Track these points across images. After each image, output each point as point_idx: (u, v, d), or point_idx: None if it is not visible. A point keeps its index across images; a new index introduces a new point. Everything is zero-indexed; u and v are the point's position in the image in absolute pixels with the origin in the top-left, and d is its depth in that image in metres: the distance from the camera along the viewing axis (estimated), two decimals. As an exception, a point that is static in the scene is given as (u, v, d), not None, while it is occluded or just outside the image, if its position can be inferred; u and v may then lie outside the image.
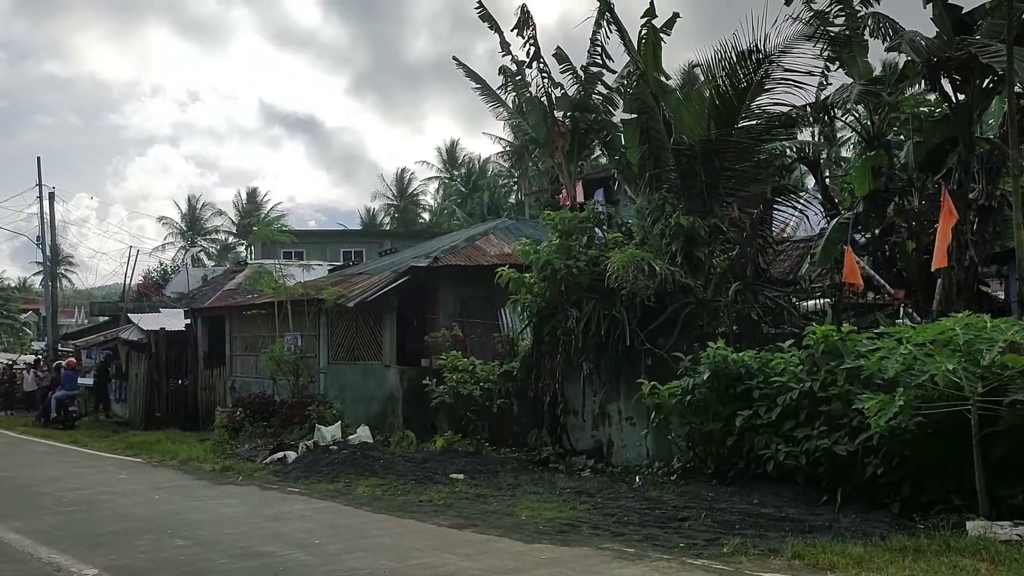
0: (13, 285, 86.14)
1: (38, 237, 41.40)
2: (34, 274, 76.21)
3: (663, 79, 15.20)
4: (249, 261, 36.27)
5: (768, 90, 13.93)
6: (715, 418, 11.16)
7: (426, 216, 70.63)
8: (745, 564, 7.61)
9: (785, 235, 17.78)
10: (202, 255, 71.83)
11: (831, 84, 16.28)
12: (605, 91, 16.23)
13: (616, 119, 16.10)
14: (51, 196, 40.35)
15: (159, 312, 29.52)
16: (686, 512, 9.75)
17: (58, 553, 8.77)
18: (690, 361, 11.70)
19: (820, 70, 15.09)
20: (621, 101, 15.97)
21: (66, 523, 10.60)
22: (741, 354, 11.17)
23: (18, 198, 78.27)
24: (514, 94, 16.97)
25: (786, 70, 13.69)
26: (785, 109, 14.21)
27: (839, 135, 29.55)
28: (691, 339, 12.70)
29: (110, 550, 8.92)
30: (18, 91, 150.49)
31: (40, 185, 40.77)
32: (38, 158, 40.09)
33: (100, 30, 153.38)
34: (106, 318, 39.62)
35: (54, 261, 43.54)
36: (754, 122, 14.24)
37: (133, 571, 7.98)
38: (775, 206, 15.50)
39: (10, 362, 40.94)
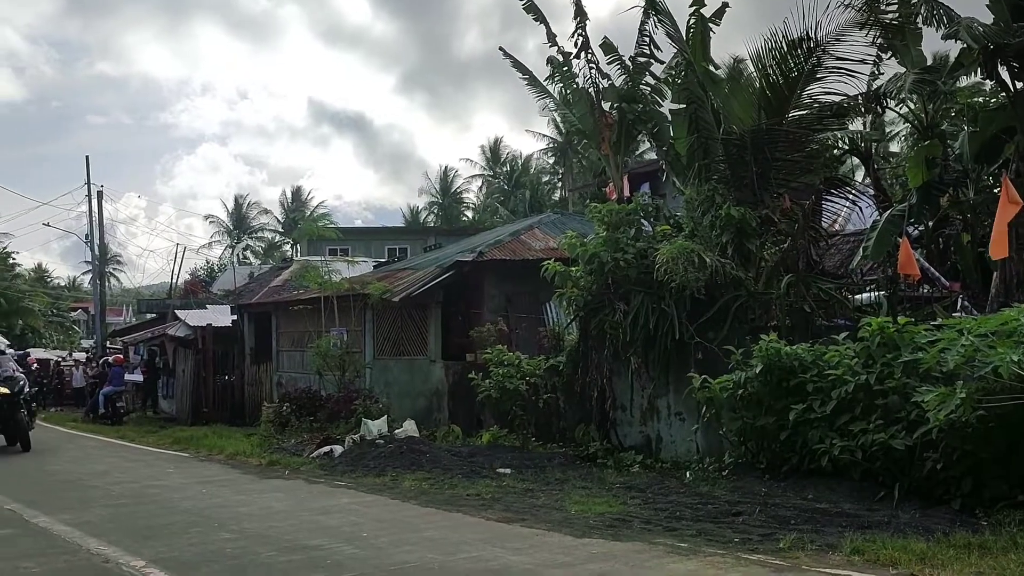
0: (63, 284, 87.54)
1: (87, 236, 41.98)
2: (83, 273, 77.55)
3: (712, 69, 14.95)
4: (295, 258, 36.43)
5: (819, 79, 13.66)
6: (768, 412, 10.94)
7: (469, 214, 70.80)
8: (803, 559, 7.41)
9: (835, 228, 17.46)
10: (248, 253, 72.53)
11: (883, 74, 16.01)
12: (653, 82, 15.99)
13: (664, 110, 15.89)
14: (99, 195, 40.91)
15: (206, 308, 29.76)
16: (739, 507, 9.55)
17: (107, 545, 8.80)
18: (741, 355, 11.47)
19: (872, 59, 14.79)
20: (669, 92, 15.74)
21: (114, 516, 10.65)
22: (794, 347, 10.94)
23: (68, 197, 79.15)
24: (561, 85, 16.80)
25: (838, 58, 13.42)
26: (837, 98, 13.91)
27: (888, 129, 29.06)
28: (742, 332, 12.48)
29: (158, 542, 8.93)
30: (71, 91, 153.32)
31: (88, 184, 41.35)
32: (86, 157, 40.84)
33: (151, 29, 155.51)
34: (153, 315, 40.01)
35: (102, 260, 44.12)
36: (805, 112, 13.96)
37: (181, 563, 7.96)
38: (826, 198, 15.22)
39: (60, 359, 41.53)
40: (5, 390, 17.63)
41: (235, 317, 26.19)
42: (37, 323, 67.68)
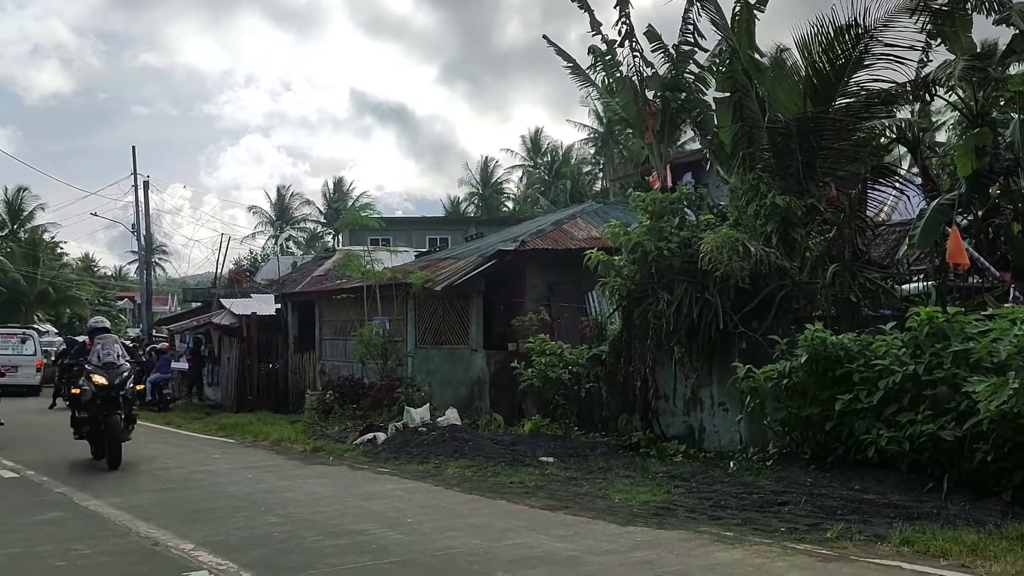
0: (109, 273, 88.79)
1: (133, 225, 42.50)
2: (129, 262, 78.50)
3: (757, 57, 14.81)
4: (337, 248, 36.67)
5: (867, 66, 13.46)
6: (813, 402, 10.85)
7: (509, 204, 70.77)
8: (851, 550, 7.35)
9: (881, 218, 17.25)
10: (290, 244, 73.11)
11: (931, 61, 15.78)
12: (697, 70, 15.88)
13: (708, 98, 15.77)
14: (145, 185, 41.35)
15: (250, 297, 30.05)
16: (785, 497, 9.48)
17: (156, 528, 8.92)
18: (786, 344, 11.39)
19: (921, 45, 14.59)
20: (713, 80, 15.62)
21: (163, 500, 10.80)
22: (840, 337, 10.84)
23: (114, 188, 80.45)
24: (604, 74, 16.72)
25: (886, 45, 13.21)
26: (885, 86, 13.72)
27: (935, 118, 28.65)
28: (786, 322, 12.37)
29: (206, 526, 9.04)
30: (117, 83, 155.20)
31: (135, 174, 41.83)
32: (132, 147, 41.15)
33: (195, 20, 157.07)
34: (198, 304, 40.48)
35: (148, 249, 44.66)
36: (852, 99, 13.77)
37: (228, 546, 8.05)
38: (872, 187, 15.04)
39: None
40: (102, 380, 13.15)
41: (279, 306, 26.42)
42: (85, 312, 68.59)
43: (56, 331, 52.10)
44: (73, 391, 14.10)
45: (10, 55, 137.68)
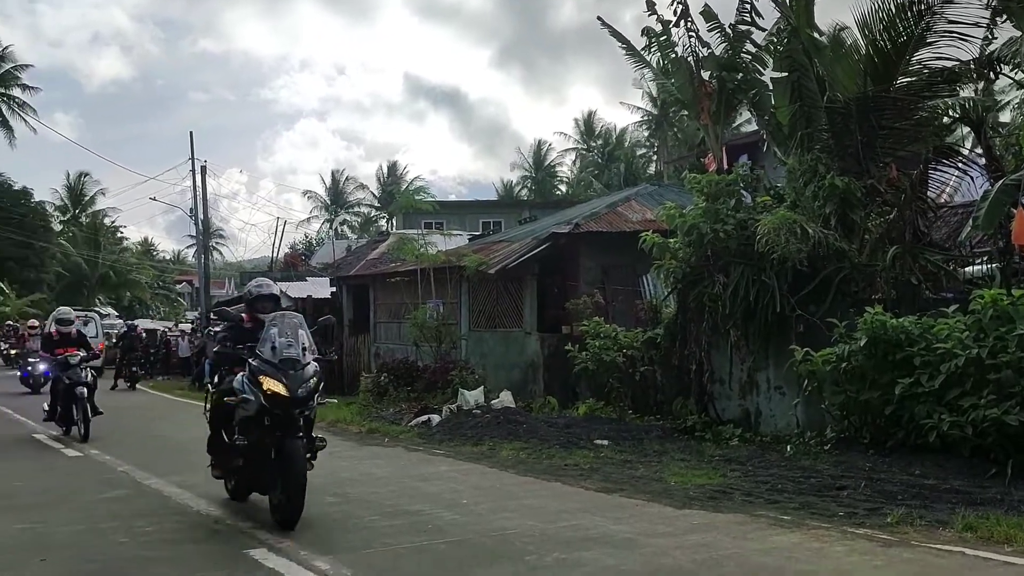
0: (168, 257, 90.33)
1: (191, 210, 43.14)
2: (187, 247, 79.81)
3: (816, 35, 14.55)
4: (391, 232, 36.88)
5: (929, 44, 13.17)
6: (872, 386, 10.70)
7: (563, 188, 70.72)
8: (912, 535, 7.24)
9: (943, 199, 16.89)
10: (345, 228, 73.73)
11: (997, 38, 15.38)
12: (754, 49, 15.61)
13: (765, 78, 15.53)
14: (203, 170, 41.91)
15: (306, 281, 30.34)
16: (843, 481, 9.36)
17: (216, 507, 9.07)
18: (845, 328, 11.23)
19: (987, 22, 14.21)
20: (771, 60, 15.38)
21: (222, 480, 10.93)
22: (901, 320, 10.66)
23: (172, 173, 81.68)
24: (659, 55, 16.55)
25: (950, 22, 12.90)
26: (948, 64, 13.41)
27: (999, 97, 27.95)
28: (844, 305, 12.20)
29: (264, 505, 9.14)
30: (175, 70, 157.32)
31: (192, 159, 42.42)
32: (190, 132, 41.78)
33: (252, 6, 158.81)
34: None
35: (206, 233, 45.27)
36: (914, 78, 13.49)
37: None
38: (934, 167, 14.73)
39: (166, 330, 42.88)
40: (280, 388, 7.90)
41: (334, 289, 26.67)
42: (144, 295, 70.04)
43: (117, 314, 53.15)
44: (224, 399, 8.60)
45: (71, 42, 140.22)
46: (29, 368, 25.96)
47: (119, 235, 75.81)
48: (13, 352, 37.98)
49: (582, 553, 6.89)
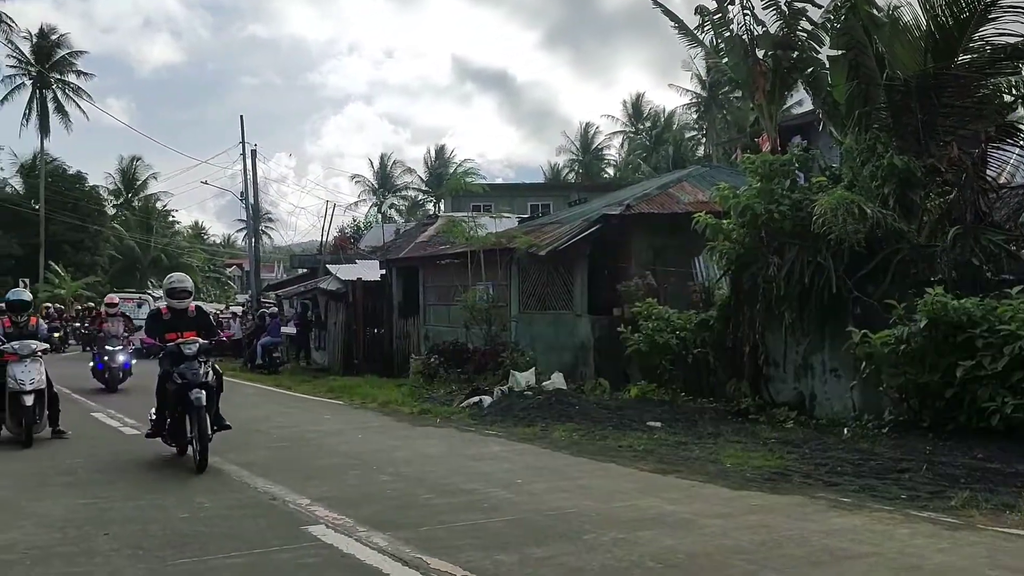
0: (218, 241, 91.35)
1: (242, 193, 43.57)
2: (237, 230, 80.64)
3: (874, 12, 14.26)
4: (439, 215, 36.96)
5: (993, 20, 12.86)
6: (932, 369, 10.51)
7: (610, 171, 70.39)
8: (977, 518, 7.12)
9: (1004, 179, 16.53)
10: (392, 211, 74.04)
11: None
12: (810, 27, 15.38)
13: (822, 56, 15.29)
14: (253, 154, 42.30)
15: (355, 263, 30.51)
16: (904, 464, 9.21)
17: (272, 484, 9.15)
18: (904, 309, 11.04)
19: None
20: (827, 37, 15.12)
21: (277, 458, 11.06)
22: (963, 301, 10.45)
23: (222, 157, 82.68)
24: (712, 34, 16.36)
25: (1015, -4, 12.64)
26: (1012, 40, 13.09)
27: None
28: (903, 287, 11.98)
29: (320, 483, 9.24)
30: (226, 54, 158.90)
31: (243, 143, 42.81)
32: (240, 116, 42.22)
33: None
34: (304, 270, 41.27)
35: (256, 217, 45.69)
36: (976, 55, 13.19)
37: (343, 502, 8.20)
38: (996, 146, 14.40)
39: (218, 312, 43.42)
40: None
41: (383, 272, 26.76)
42: (196, 278, 70.77)
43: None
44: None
45: (123, 28, 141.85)
46: (106, 358, 20.33)
47: (171, 219, 76.92)
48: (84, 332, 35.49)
49: (640, 533, 6.85)
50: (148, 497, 8.62)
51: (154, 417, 10.93)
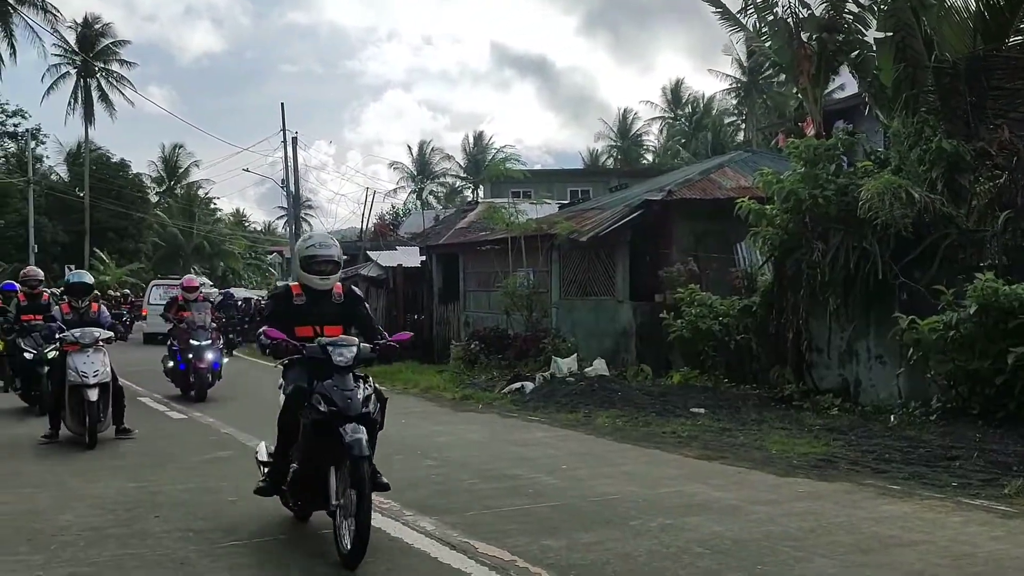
0: (259, 228, 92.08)
1: (282, 181, 43.88)
2: (278, 218, 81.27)
3: (923, -7, 14.07)
4: (478, 201, 36.97)
5: (1045, 0, 12.66)
6: (982, 355, 10.36)
7: (649, 157, 70.07)
8: (1031, 506, 7.02)
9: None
10: (430, 198, 74.21)
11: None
12: (856, 9, 15.16)
13: (868, 39, 15.07)
14: (294, 141, 42.58)
15: (395, 250, 30.61)
16: (954, 452, 9.09)
17: (318, 468, 9.19)
18: (952, 295, 10.89)
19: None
20: (874, 19, 14.91)
21: (323, 442, 11.11)
22: (1014, 287, 10.29)
23: (263, 145, 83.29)
24: (755, 17, 16.19)
25: (1068, -24, 12.40)
26: (1065, 21, 12.87)
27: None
28: (951, 272, 11.80)
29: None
30: (265, 42, 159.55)
31: (284, 130, 43.09)
32: (281, 104, 42.43)
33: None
34: (344, 257, 41.40)
35: (296, 204, 46.00)
36: (1028, 36, 12.99)
37: (391, 485, 8.22)
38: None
39: (260, 298, 43.75)
40: None
41: (423, 258, 26.83)
42: (237, 265, 71.61)
43: (211, 283, 54.42)
44: None
45: (165, 16, 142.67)
46: (191, 356, 15.78)
47: (212, 206, 77.66)
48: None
49: (687, 519, 6.83)
50: (196, 481, 8.73)
51: (269, 459, 7.19)
